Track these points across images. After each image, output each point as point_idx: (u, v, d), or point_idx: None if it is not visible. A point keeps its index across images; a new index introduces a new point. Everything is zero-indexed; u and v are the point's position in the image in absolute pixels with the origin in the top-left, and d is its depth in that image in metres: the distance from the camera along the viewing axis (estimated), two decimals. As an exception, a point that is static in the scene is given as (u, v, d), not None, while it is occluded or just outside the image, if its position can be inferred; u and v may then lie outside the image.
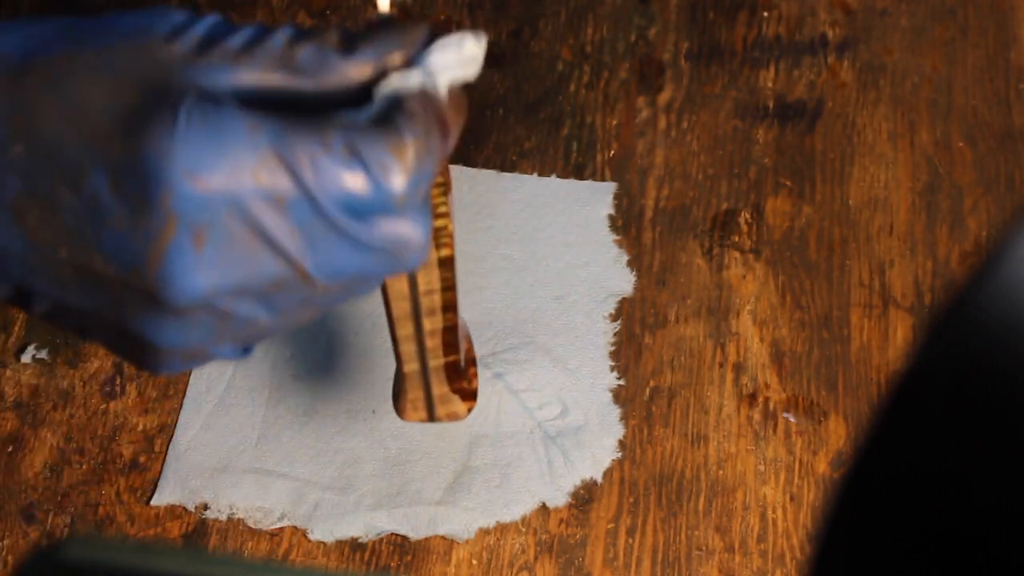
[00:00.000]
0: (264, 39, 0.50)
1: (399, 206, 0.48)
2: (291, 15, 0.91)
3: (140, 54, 0.48)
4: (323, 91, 0.50)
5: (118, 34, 0.49)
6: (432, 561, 0.72)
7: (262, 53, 0.49)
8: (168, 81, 0.48)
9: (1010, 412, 0.30)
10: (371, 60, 0.50)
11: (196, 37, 0.49)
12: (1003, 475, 0.30)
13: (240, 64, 0.49)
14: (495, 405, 0.76)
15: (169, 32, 0.49)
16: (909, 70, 0.90)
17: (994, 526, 0.30)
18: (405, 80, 0.50)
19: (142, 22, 0.49)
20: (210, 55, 0.49)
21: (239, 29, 0.50)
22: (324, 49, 0.50)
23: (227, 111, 0.47)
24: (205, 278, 0.48)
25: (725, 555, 0.72)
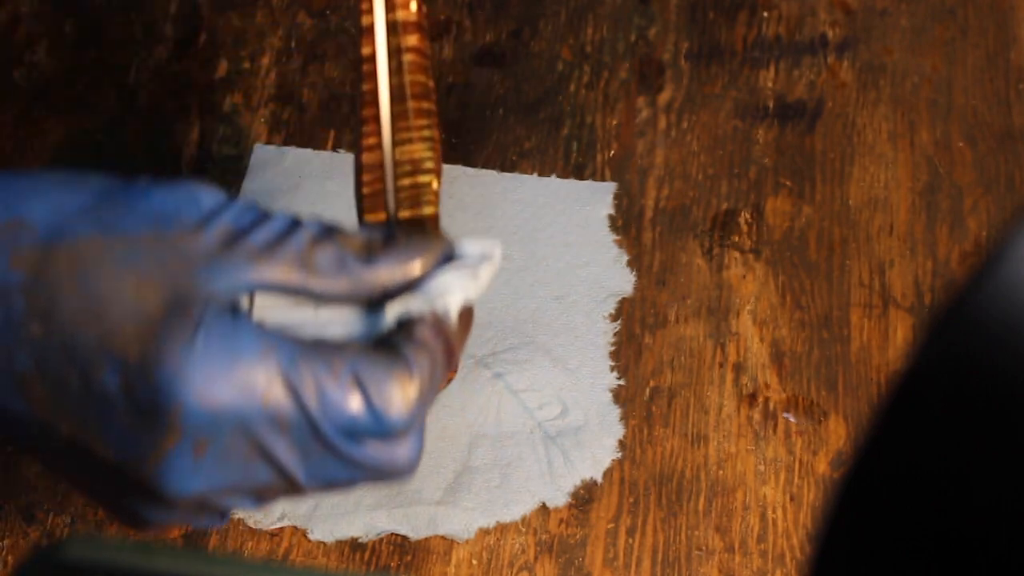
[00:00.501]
0: (288, 238, 0.51)
1: (397, 435, 0.51)
2: (291, 15, 0.91)
3: (165, 248, 0.49)
4: (337, 294, 0.52)
5: (146, 219, 0.50)
6: (432, 561, 0.72)
7: (283, 253, 0.51)
8: (190, 287, 0.49)
9: (1010, 412, 0.30)
10: (390, 269, 0.52)
11: (222, 231, 0.50)
12: (1003, 475, 0.30)
13: (261, 263, 0.50)
14: (495, 405, 0.76)
15: (196, 221, 0.50)
16: (909, 70, 0.90)
17: (994, 526, 0.30)
18: (418, 303, 0.52)
19: (170, 205, 0.50)
20: (233, 253, 0.50)
21: (264, 223, 0.51)
22: (344, 254, 0.52)
23: (244, 332, 0.49)
24: (200, 482, 0.50)
25: (725, 555, 0.72)
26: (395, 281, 0.52)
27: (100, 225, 0.49)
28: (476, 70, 0.89)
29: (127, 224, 0.50)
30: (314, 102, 0.88)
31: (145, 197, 0.50)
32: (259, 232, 0.51)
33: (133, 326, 0.48)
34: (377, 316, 0.53)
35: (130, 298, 0.49)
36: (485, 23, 0.91)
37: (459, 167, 0.85)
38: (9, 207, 0.49)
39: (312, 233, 0.52)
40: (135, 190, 0.51)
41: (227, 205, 0.51)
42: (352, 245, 0.52)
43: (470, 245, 0.54)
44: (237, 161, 0.85)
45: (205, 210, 0.50)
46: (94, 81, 0.88)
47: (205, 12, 0.91)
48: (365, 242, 0.52)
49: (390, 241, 0.53)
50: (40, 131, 0.86)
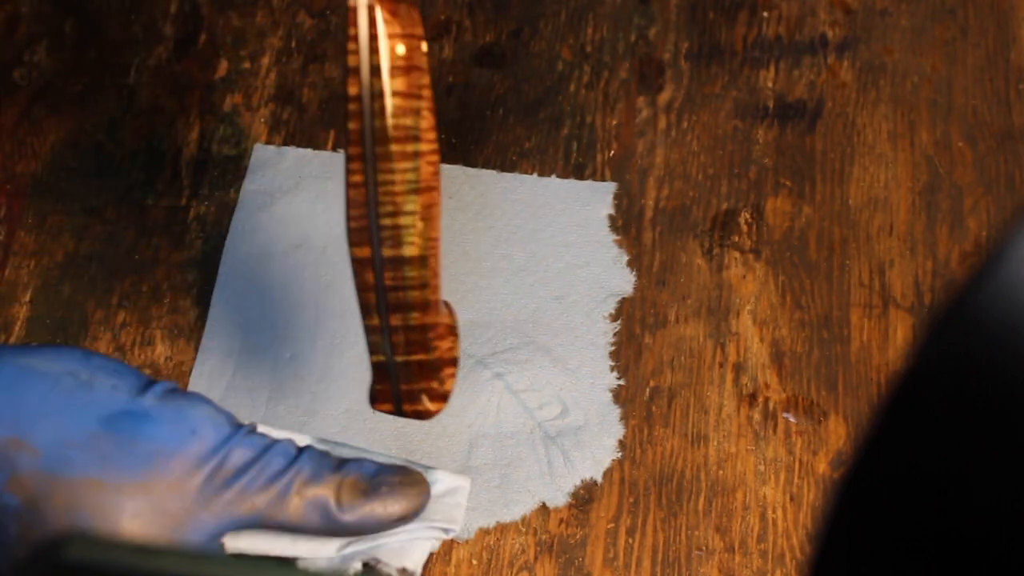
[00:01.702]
0: (278, 482, 0.53)
1: None
2: (291, 15, 0.91)
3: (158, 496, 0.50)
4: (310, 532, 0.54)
5: (144, 459, 0.50)
6: (432, 561, 0.72)
7: (271, 495, 0.53)
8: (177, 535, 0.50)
9: (1010, 412, 0.30)
10: (368, 519, 0.55)
11: (217, 476, 0.52)
12: (1003, 475, 0.30)
13: (248, 504, 0.52)
14: (495, 405, 0.76)
15: (195, 462, 0.51)
16: (909, 70, 0.90)
17: (994, 526, 0.30)
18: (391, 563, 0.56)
19: (172, 441, 0.51)
20: (224, 496, 0.51)
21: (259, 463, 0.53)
22: (328, 503, 0.54)
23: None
24: None
25: (725, 555, 0.72)
26: (373, 527, 0.55)
27: (102, 463, 0.50)
28: (476, 70, 0.89)
29: (126, 465, 0.50)
30: (314, 102, 0.88)
31: (148, 430, 0.51)
32: (253, 475, 0.52)
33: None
34: (349, 553, 0.56)
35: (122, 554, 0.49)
36: (485, 23, 0.91)
37: (459, 167, 0.85)
38: (16, 423, 0.50)
39: (304, 479, 0.54)
40: (139, 417, 0.51)
41: (227, 441, 0.52)
42: (338, 492, 0.54)
43: (442, 480, 0.57)
44: (237, 161, 0.85)
45: (204, 450, 0.52)
46: (94, 81, 0.88)
47: (205, 12, 0.91)
48: (351, 488, 0.55)
49: (377, 488, 0.56)
50: (40, 131, 0.86)
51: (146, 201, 0.83)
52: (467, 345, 0.78)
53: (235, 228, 0.82)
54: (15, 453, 0.49)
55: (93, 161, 0.85)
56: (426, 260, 0.58)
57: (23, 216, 0.83)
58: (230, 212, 0.83)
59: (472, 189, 0.84)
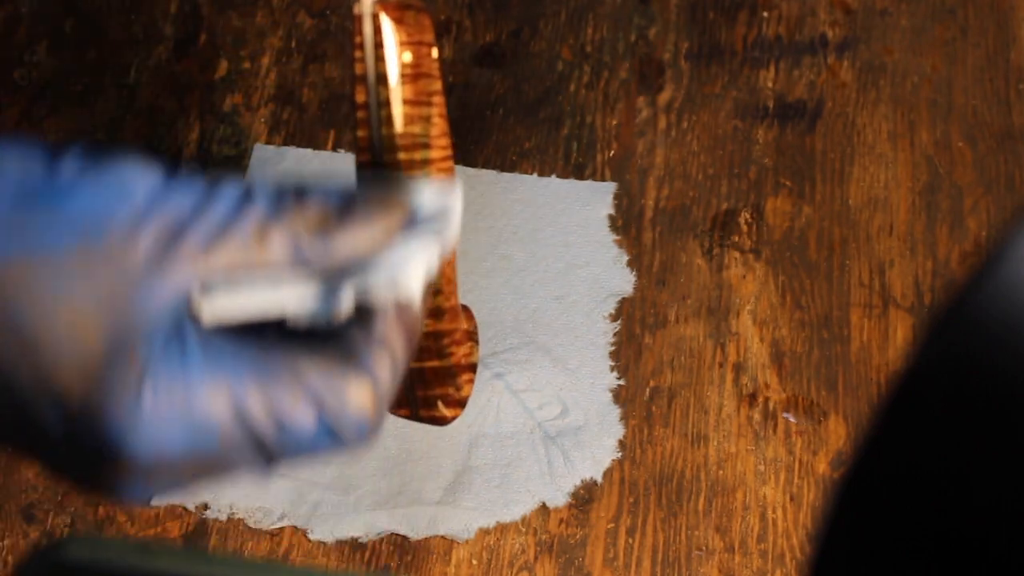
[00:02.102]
0: (232, 227, 0.46)
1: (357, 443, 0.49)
2: (291, 15, 0.91)
3: (97, 268, 0.44)
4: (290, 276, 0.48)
5: (72, 229, 0.45)
6: (432, 561, 0.72)
7: (228, 244, 0.46)
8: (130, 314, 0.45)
9: (1010, 412, 0.30)
10: (347, 246, 0.48)
11: (158, 232, 0.45)
12: (1003, 475, 0.30)
13: (204, 259, 0.46)
14: (495, 405, 0.76)
15: (128, 223, 0.45)
16: (909, 70, 0.90)
17: (994, 526, 0.30)
18: (379, 290, 0.49)
19: (99, 205, 0.45)
20: (173, 257, 0.45)
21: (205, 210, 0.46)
22: (297, 238, 0.47)
23: (194, 368, 0.46)
24: (152, 492, 0.47)
25: (725, 555, 0.72)
26: (352, 257, 0.48)
27: (23, 241, 0.44)
28: (476, 70, 0.89)
29: (52, 238, 0.44)
30: (314, 102, 0.88)
31: (70, 199, 0.45)
32: (201, 224, 0.46)
33: (72, 367, 0.44)
34: (335, 293, 0.49)
35: (65, 333, 0.44)
36: (485, 23, 0.91)
37: (459, 167, 0.85)
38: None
39: (261, 214, 0.47)
40: (59, 189, 0.45)
41: (163, 193, 0.46)
42: (304, 224, 0.47)
43: (429, 194, 0.51)
44: (237, 161, 0.85)
45: (139, 203, 0.45)
46: (94, 81, 0.88)
47: (205, 12, 0.91)
48: (318, 217, 0.48)
49: (347, 213, 0.48)
50: (40, 131, 0.86)
51: (146, 201, 0.83)
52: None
53: (235, 228, 0.82)
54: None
55: (93, 161, 0.85)
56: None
57: (23, 216, 0.83)
58: (230, 212, 0.83)
59: (472, 189, 0.84)
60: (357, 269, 0.49)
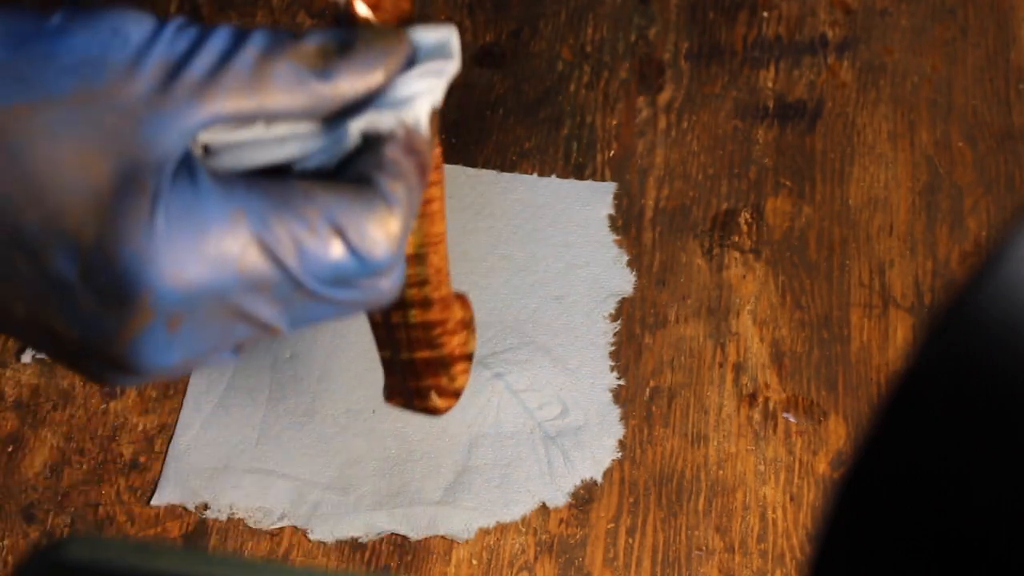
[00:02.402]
0: (233, 58, 0.46)
1: (384, 271, 0.47)
2: (291, 15, 0.91)
3: (99, 105, 0.44)
4: (297, 113, 0.47)
5: (70, 71, 0.44)
6: (432, 561, 0.72)
7: (230, 79, 0.46)
8: (137, 147, 0.44)
9: (1010, 412, 0.30)
10: (351, 80, 0.47)
11: (158, 68, 0.45)
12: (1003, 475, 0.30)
13: (208, 96, 0.45)
14: (495, 405, 0.76)
15: (127, 61, 0.44)
16: (909, 70, 0.90)
17: (994, 526, 0.30)
18: (388, 119, 0.48)
19: (94, 48, 0.44)
20: (174, 92, 0.45)
21: (201, 46, 0.46)
22: (299, 69, 0.46)
23: (207, 196, 0.45)
24: (175, 354, 0.46)
25: (725, 555, 0.72)
26: (357, 92, 0.47)
27: (21, 85, 0.44)
28: (476, 70, 0.89)
29: (51, 81, 0.44)
30: (314, 102, 0.88)
31: (64, 41, 0.44)
32: (199, 58, 0.45)
33: (81, 205, 0.43)
34: (340, 132, 0.48)
35: (72, 173, 0.43)
36: (485, 23, 0.91)
37: (459, 167, 0.85)
38: None
39: (260, 48, 0.46)
40: (51, 33, 0.45)
41: (157, 33, 0.45)
42: (306, 57, 0.46)
43: (425, 35, 0.50)
44: (237, 161, 0.85)
45: (134, 45, 0.45)
46: (94, 81, 0.88)
47: (205, 12, 0.91)
48: (320, 50, 0.47)
49: (347, 48, 0.47)
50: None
51: (146, 201, 0.83)
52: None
53: (235, 228, 0.82)
54: None
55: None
56: (423, 257, 0.58)
57: (23, 216, 0.83)
58: (230, 212, 0.83)
59: (472, 189, 0.84)
60: (360, 105, 0.48)
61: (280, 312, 0.47)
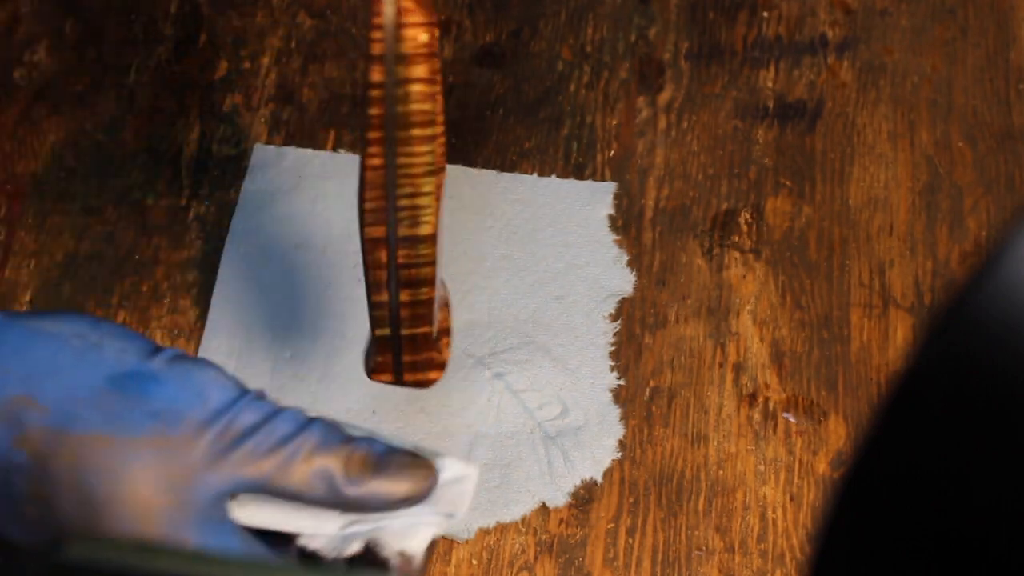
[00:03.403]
0: (287, 446, 0.52)
1: None
2: (291, 15, 0.91)
3: (166, 453, 0.50)
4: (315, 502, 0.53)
5: (152, 417, 0.50)
6: (432, 561, 0.72)
7: (279, 460, 0.52)
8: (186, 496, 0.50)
9: (1010, 412, 0.30)
10: (375, 494, 0.54)
11: (225, 435, 0.51)
12: (1003, 475, 0.30)
13: (256, 466, 0.51)
14: (495, 405, 0.76)
15: (202, 422, 0.51)
16: (909, 70, 0.90)
17: (994, 526, 0.30)
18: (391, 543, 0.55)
19: (180, 401, 0.51)
20: (232, 457, 0.51)
21: (267, 425, 0.52)
22: (334, 474, 0.53)
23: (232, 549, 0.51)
24: None
25: (725, 555, 0.72)
26: (376, 503, 0.54)
27: (109, 420, 0.50)
28: (476, 70, 0.89)
29: (133, 421, 0.50)
30: (314, 102, 0.88)
31: (155, 390, 0.51)
32: (262, 437, 0.52)
33: (128, 533, 0.49)
34: (348, 534, 0.55)
35: (127, 501, 0.49)
36: (485, 23, 0.91)
37: (459, 167, 0.85)
38: (25, 381, 0.50)
39: (313, 445, 0.53)
40: (147, 377, 0.51)
41: (234, 404, 0.52)
42: (346, 464, 0.53)
43: (450, 467, 0.56)
44: (237, 161, 0.85)
45: (212, 408, 0.51)
46: (94, 81, 0.88)
47: (205, 12, 0.91)
48: (360, 461, 0.54)
49: (384, 464, 0.54)
50: (40, 131, 0.86)
51: (146, 201, 0.83)
52: (467, 345, 0.78)
53: (235, 228, 0.82)
54: (24, 410, 0.49)
55: (93, 161, 0.85)
56: (436, 237, 0.60)
57: (23, 216, 0.83)
58: (230, 212, 0.83)
59: (472, 189, 0.84)
60: (376, 517, 0.55)
61: None
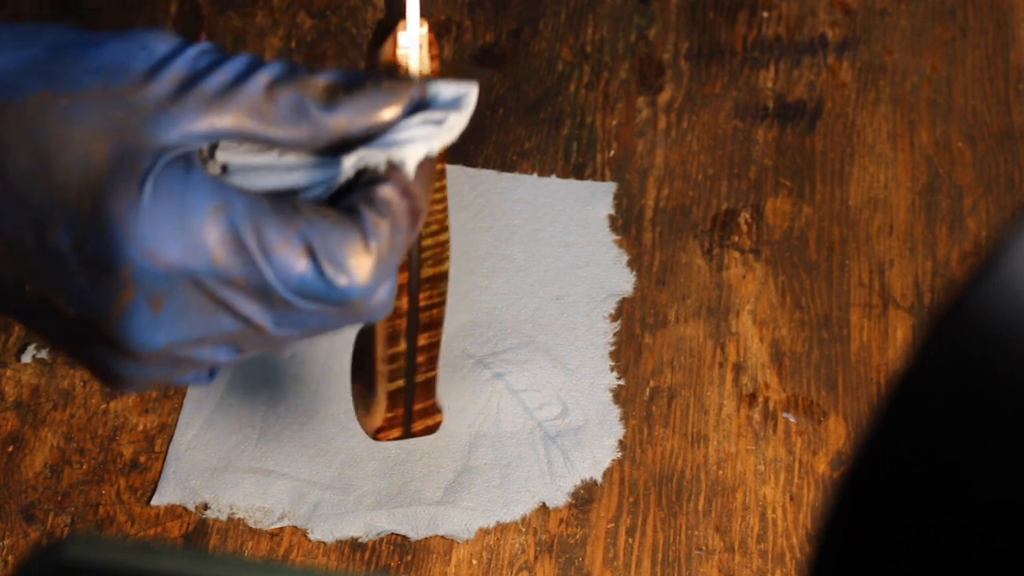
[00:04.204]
0: (243, 82, 0.49)
1: (351, 299, 0.50)
2: (291, 15, 0.91)
3: (113, 100, 0.48)
4: (297, 141, 0.50)
5: (95, 72, 0.49)
6: (432, 561, 0.72)
7: (239, 98, 0.49)
8: (139, 139, 0.48)
9: (1010, 412, 0.30)
10: (352, 117, 0.50)
11: (174, 78, 0.49)
12: (1003, 475, 0.30)
13: (214, 110, 0.49)
14: (495, 405, 0.76)
15: (146, 70, 0.49)
16: (909, 70, 0.90)
17: (994, 525, 0.30)
18: (376, 156, 0.50)
19: (121, 56, 0.49)
20: (184, 101, 0.49)
21: (218, 67, 0.49)
22: (304, 100, 0.50)
23: (195, 186, 0.48)
24: (163, 335, 0.49)
25: (725, 555, 0.72)
26: (357, 129, 0.50)
27: (49, 80, 0.49)
28: (476, 70, 0.89)
29: (76, 78, 0.49)
30: (314, 102, 0.88)
31: (96, 49, 0.49)
32: (214, 76, 0.49)
33: (81, 181, 0.48)
34: (336, 165, 0.50)
35: (78, 152, 0.48)
36: (485, 23, 0.91)
37: (459, 167, 0.85)
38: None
39: (271, 76, 0.49)
40: (87, 43, 0.50)
41: (181, 50, 0.49)
42: (314, 89, 0.50)
43: (445, 88, 0.51)
44: (237, 161, 0.85)
45: (157, 57, 0.49)
46: (94, 81, 0.88)
47: (205, 12, 0.91)
48: (328, 86, 0.50)
49: (355, 86, 0.51)
50: (40, 131, 0.86)
51: (146, 201, 0.83)
52: (467, 345, 0.78)
53: (235, 228, 0.82)
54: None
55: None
56: (447, 275, 0.58)
57: (23, 216, 0.83)
58: (230, 212, 0.83)
59: (472, 189, 0.84)
60: (358, 143, 0.50)
61: (261, 310, 0.49)
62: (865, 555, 0.32)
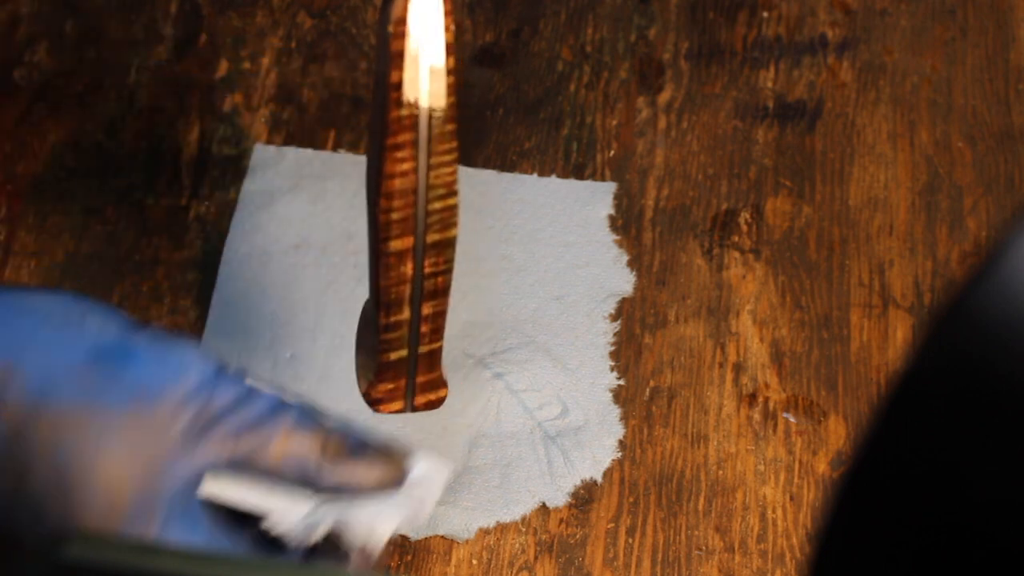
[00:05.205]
0: (263, 427, 0.53)
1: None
2: (291, 15, 0.91)
3: (142, 432, 0.50)
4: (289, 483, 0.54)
5: (130, 392, 0.51)
6: (432, 561, 0.72)
7: (255, 441, 0.52)
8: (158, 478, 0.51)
9: (1010, 411, 0.30)
10: (348, 478, 0.55)
11: (199, 416, 0.51)
12: (1003, 475, 0.30)
13: (230, 446, 0.52)
14: (495, 405, 0.76)
15: (176, 403, 0.51)
16: (909, 70, 0.90)
17: (994, 525, 0.30)
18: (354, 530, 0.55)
19: (157, 380, 0.51)
20: (207, 439, 0.52)
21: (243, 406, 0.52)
22: (310, 461, 0.54)
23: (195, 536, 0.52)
24: None
25: (725, 555, 0.72)
26: (346, 484, 0.55)
27: (86, 393, 0.50)
28: (476, 70, 0.89)
29: (111, 396, 0.50)
30: (314, 102, 0.88)
31: (133, 363, 0.51)
32: (237, 416, 0.52)
33: (96, 514, 0.50)
34: (315, 517, 0.55)
35: (100, 481, 0.50)
36: (485, 23, 0.91)
37: (459, 167, 0.85)
38: (6, 351, 0.50)
39: (289, 427, 0.53)
40: (125, 352, 0.51)
41: (213, 382, 0.52)
42: (324, 448, 0.54)
43: (419, 466, 0.57)
44: (237, 161, 0.85)
45: (190, 388, 0.51)
46: (94, 81, 0.88)
47: (205, 12, 0.91)
48: (337, 447, 0.55)
49: (359, 451, 0.55)
50: (40, 131, 0.86)
51: (146, 201, 0.83)
52: (467, 345, 0.78)
53: (235, 228, 0.82)
54: (3, 379, 0.50)
55: (93, 161, 0.85)
56: (455, 240, 0.58)
57: (23, 216, 0.83)
58: (230, 212, 0.83)
59: (472, 189, 0.84)
60: (343, 502, 0.55)
61: None
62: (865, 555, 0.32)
